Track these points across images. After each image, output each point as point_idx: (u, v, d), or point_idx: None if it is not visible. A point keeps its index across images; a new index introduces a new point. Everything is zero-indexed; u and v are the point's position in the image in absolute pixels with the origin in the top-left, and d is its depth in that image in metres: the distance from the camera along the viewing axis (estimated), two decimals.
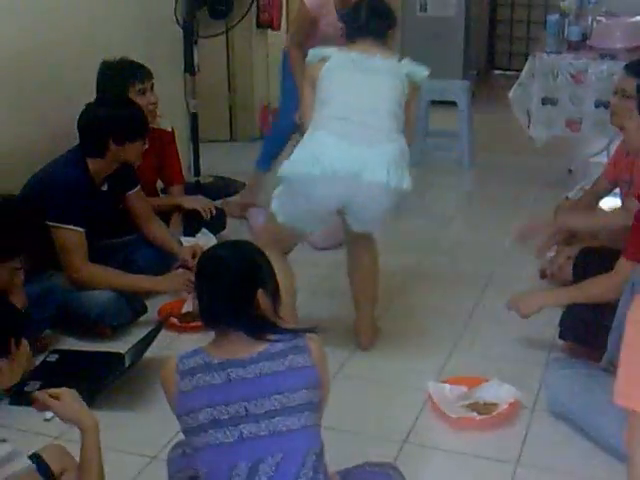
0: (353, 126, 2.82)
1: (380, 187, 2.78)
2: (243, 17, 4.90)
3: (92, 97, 3.59)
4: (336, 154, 2.76)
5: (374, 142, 2.80)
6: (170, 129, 4.09)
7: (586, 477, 2.44)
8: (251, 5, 4.88)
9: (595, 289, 2.90)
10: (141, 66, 3.79)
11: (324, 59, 2.97)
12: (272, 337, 1.96)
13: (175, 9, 4.75)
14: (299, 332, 2.01)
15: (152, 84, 3.82)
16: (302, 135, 2.99)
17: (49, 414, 2.47)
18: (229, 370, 1.91)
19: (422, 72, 3.01)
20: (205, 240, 3.91)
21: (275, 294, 2.03)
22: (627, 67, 3.47)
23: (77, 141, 3.41)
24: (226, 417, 1.88)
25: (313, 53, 3.04)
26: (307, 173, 2.78)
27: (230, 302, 1.94)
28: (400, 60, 3.01)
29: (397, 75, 2.94)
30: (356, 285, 3.19)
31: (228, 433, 1.88)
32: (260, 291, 1.98)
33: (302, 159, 2.82)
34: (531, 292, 3.27)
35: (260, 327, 1.97)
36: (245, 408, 1.88)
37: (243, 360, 1.92)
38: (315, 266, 3.94)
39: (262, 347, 1.95)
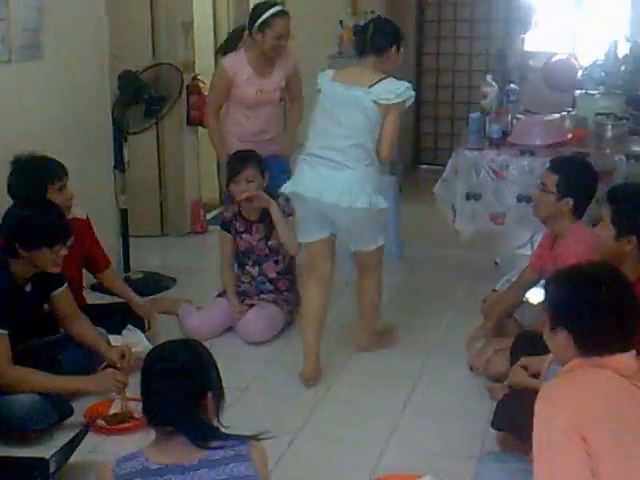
0: (322, 160, 3.57)
1: (335, 207, 3.52)
2: (162, 116, 4.94)
3: None
4: (307, 180, 3.60)
5: (335, 172, 3.53)
6: (85, 216, 4.03)
7: None
8: (172, 105, 4.92)
9: None
10: (58, 163, 3.74)
11: (320, 91, 3.65)
12: (215, 444, 1.93)
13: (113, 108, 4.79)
14: (242, 439, 1.99)
15: (67, 178, 3.78)
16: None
17: None
18: (167, 477, 1.87)
19: (388, 95, 3.50)
20: (132, 337, 3.84)
21: (221, 397, 2.00)
22: (550, 163, 3.62)
23: None
24: None
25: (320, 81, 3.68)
26: (292, 191, 3.70)
27: (181, 406, 1.91)
28: (384, 79, 3.52)
29: (366, 107, 3.51)
30: (359, 303, 3.99)
31: None
32: (210, 394, 1.96)
33: (291, 181, 3.72)
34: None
35: (206, 434, 1.94)
36: None
37: (182, 466, 1.89)
38: (249, 362, 3.91)
39: (203, 453, 1.92)
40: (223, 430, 2.02)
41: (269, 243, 4.30)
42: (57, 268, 3.35)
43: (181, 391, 1.92)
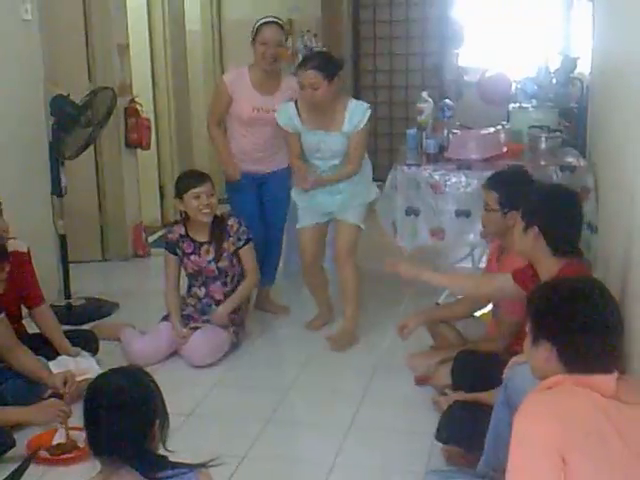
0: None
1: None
2: (95, 138, 4.90)
3: None
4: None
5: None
6: (25, 249, 3.94)
7: None
8: (103, 124, 4.90)
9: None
10: None
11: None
12: (162, 474, 1.90)
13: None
14: (190, 467, 1.96)
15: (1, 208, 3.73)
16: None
17: None
18: None
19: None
20: (84, 363, 3.79)
21: (166, 424, 1.98)
22: (486, 182, 3.66)
23: None
24: None
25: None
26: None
27: (128, 438, 1.88)
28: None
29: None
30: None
31: None
32: (157, 422, 1.93)
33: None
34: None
35: (155, 464, 1.91)
36: None
37: None
38: (195, 386, 3.88)
39: None
40: (170, 457, 2.00)
41: (218, 265, 4.28)
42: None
43: (129, 424, 1.89)
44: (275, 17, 4.61)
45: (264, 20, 4.52)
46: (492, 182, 3.60)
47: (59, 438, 3.28)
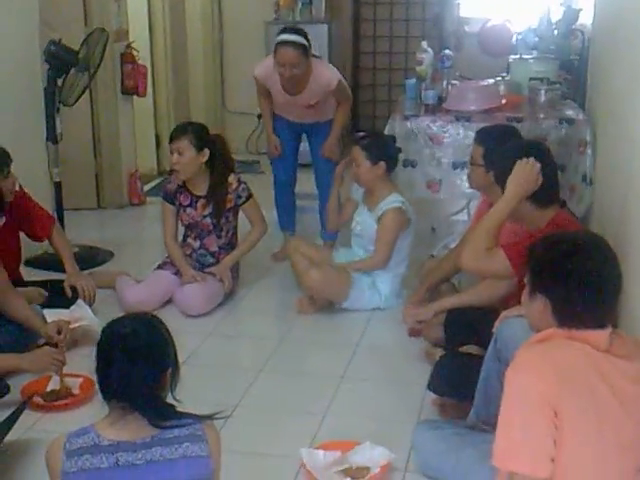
0: None
1: None
2: (90, 79, 4.84)
3: None
4: None
5: None
6: (17, 187, 3.95)
7: None
8: (96, 68, 4.84)
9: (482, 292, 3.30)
10: (3, 151, 3.74)
11: None
12: (170, 423, 1.91)
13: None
14: (198, 418, 1.97)
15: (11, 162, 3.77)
16: None
17: None
18: (118, 454, 1.86)
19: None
20: (79, 311, 3.80)
21: (176, 373, 1.98)
22: (475, 135, 3.63)
23: None
24: None
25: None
26: None
27: (141, 385, 1.88)
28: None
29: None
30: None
31: None
32: (169, 371, 1.94)
33: None
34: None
35: (164, 413, 1.92)
36: None
37: (135, 444, 1.87)
38: (189, 335, 3.89)
39: (157, 431, 1.90)
40: (178, 406, 2.00)
41: (214, 220, 4.24)
42: None
43: (141, 369, 1.88)
44: (295, 30, 4.50)
45: (279, 39, 4.43)
46: (480, 136, 3.58)
47: (53, 385, 3.30)
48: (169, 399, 2.01)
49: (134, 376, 1.88)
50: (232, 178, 4.24)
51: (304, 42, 4.40)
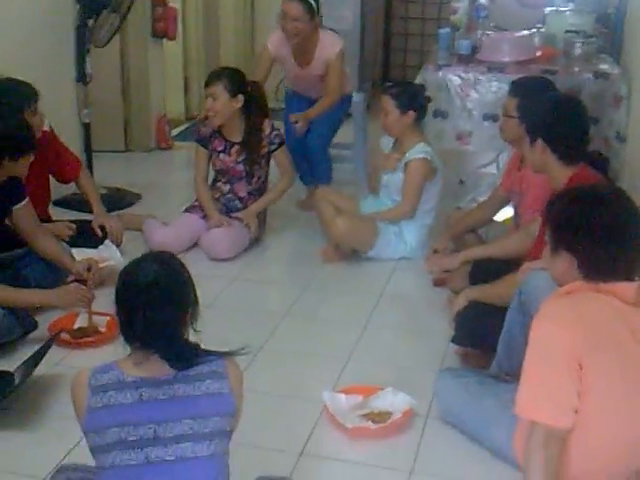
0: None
1: None
2: (123, 19, 4.80)
3: None
4: None
5: None
6: (48, 127, 3.99)
7: None
8: (126, 14, 4.80)
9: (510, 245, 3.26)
10: (31, 87, 3.72)
11: None
12: (193, 362, 1.92)
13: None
14: (221, 355, 1.98)
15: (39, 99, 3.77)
16: None
17: None
18: (142, 390, 1.87)
19: None
20: (108, 253, 3.83)
21: (197, 312, 1.98)
22: (510, 86, 3.58)
23: None
24: (134, 439, 1.85)
25: None
26: None
27: (163, 328, 1.88)
28: None
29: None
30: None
31: (134, 455, 1.84)
32: (190, 310, 1.95)
33: None
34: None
35: (186, 354, 1.93)
36: (154, 431, 1.85)
37: (159, 380, 1.89)
38: (214, 279, 3.92)
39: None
40: (200, 345, 2.00)
41: (246, 167, 4.24)
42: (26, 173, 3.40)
43: (164, 315, 1.88)
44: None
45: None
46: (515, 87, 3.53)
47: (80, 322, 3.34)
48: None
49: (156, 321, 1.88)
50: (266, 124, 4.23)
51: (311, 1, 4.44)
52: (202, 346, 1.99)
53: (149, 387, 1.88)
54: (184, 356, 1.92)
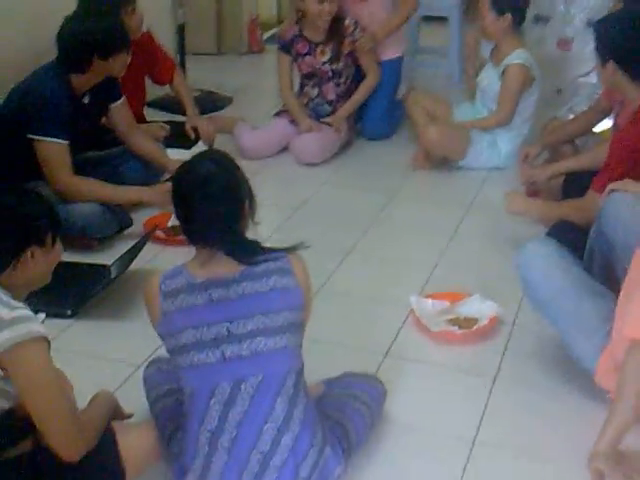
0: None
1: None
2: None
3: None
4: None
5: None
6: (146, 29, 4.03)
7: (564, 390, 2.46)
8: None
9: (572, 213, 3.00)
10: None
11: None
12: (257, 259, 1.95)
13: None
14: (283, 251, 2.00)
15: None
16: None
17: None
18: (211, 290, 1.91)
19: None
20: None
21: (253, 205, 2.00)
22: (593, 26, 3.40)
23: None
24: (208, 338, 1.90)
25: None
26: None
27: (223, 227, 1.91)
28: None
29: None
30: None
31: (210, 354, 1.90)
32: (246, 204, 1.97)
33: None
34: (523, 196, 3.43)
35: (249, 250, 1.95)
36: (227, 329, 1.90)
37: (226, 280, 1.92)
38: (304, 182, 3.94)
39: (244, 266, 1.94)
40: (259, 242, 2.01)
41: (333, 66, 4.20)
42: (123, 73, 3.41)
43: (223, 213, 1.90)
44: None
45: None
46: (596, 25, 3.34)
47: (174, 220, 3.40)
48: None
49: (215, 219, 1.90)
50: (348, 21, 4.17)
51: None
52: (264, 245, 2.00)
53: (217, 287, 1.92)
54: (247, 249, 1.95)
